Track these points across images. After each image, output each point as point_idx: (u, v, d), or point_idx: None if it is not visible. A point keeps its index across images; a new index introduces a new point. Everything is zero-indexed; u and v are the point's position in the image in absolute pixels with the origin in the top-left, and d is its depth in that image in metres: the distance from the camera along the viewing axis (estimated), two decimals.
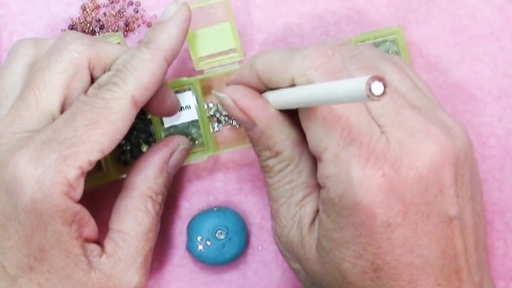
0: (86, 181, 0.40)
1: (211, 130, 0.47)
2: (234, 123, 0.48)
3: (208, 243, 0.47)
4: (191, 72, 0.48)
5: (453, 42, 0.50)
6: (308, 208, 0.40)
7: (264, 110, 0.40)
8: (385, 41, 0.47)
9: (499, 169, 0.49)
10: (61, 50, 0.41)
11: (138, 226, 0.42)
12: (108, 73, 0.41)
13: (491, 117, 0.49)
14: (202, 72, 0.47)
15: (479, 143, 0.49)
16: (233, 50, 0.46)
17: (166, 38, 0.42)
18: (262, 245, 0.49)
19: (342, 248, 0.37)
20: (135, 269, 0.42)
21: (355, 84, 0.29)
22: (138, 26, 0.50)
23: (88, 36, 0.42)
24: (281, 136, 0.40)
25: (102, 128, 0.38)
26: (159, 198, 0.44)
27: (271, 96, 0.40)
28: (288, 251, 0.41)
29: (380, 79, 0.28)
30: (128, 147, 0.47)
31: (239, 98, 0.40)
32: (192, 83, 0.46)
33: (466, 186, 0.38)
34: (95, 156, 0.39)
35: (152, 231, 0.43)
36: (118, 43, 0.45)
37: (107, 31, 0.50)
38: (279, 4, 0.50)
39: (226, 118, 0.48)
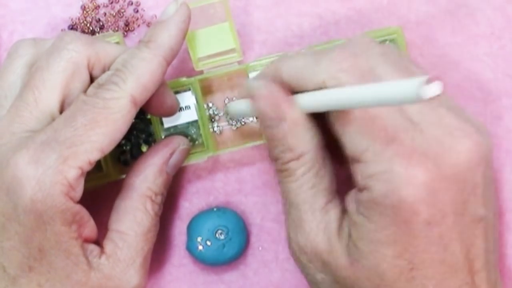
0: (86, 181, 0.40)
1: (211, 130, 0.47)
2: (234, 124, 0.48)
3: (208, 243, 0.47)
4: (191, 72, 0.48)
5: (453, 42, 0.50)
6: (333, 214, 0.39)
7: (294, 108, 0.39)
8: (384, 41, 0.47)
9: (499, 170, 0.49)
10: (60, 50, 0.41)
11: (137, 227, 0.42)
12: (108, 73, 0.41)
13: (491, 117, 0.49)
14: (201, 72, 0.47)
15: None
16: (232, 50, 0.46)
17: (166, 37, 0.42)
18: (262, 245, 0.49)
19: (382, 248, 0.36)
20: (135, 269, 0.42)
21: (409, 85, 0.28)
22: (138, 26, 0.50)
23: (87, 35, 0.42)
24: (307, 137, 0.39)
25: (102, 127, 0.38)
26: (158, 199, 0.44)
27: (300, 98, 0.39)
28: (311, 261, 0.40)
29: (438, 79, 0.27)
30: (128, 147, 0.47)
31: (273, 90, 0.39)
32: (191, 83, 0.46)
33: (490, 187, 0.38)
34: (95, 156, 0.39)
35: (151, 232, 0.43)
36: (118, 42, 0.45)
37: (107, 31, 0.50)
38: (279, 4, 0.50)
39: (229, 120, 0.48)
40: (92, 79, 0.42)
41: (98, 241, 0.42)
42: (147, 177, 0.43)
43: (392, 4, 0.50)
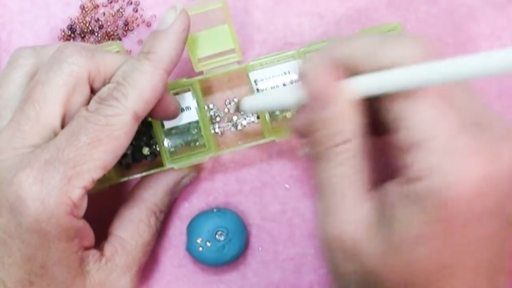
0: None
1: (212, 131, 0.47)
2: (236, 125, 0.48)
3: (208, 244, 0.47)
4: (191, 73, 0.47)
5: (453, 42, 0.49)
6: (372, 204, 0.37)
7: (348, 91, 0.37)
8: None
9: None
10: (61, 63, 0.40)
11: (139, 237, 0.44)
12: (109, 86, 0.40)
13: None
14: (201, 73, 0.47)
15: None
16: (232, 51, 0.46)
17: (166, 48, 0.41)
18: (262, 245, 0.49)
19: (421, 244, 0.35)
20: (130, 277, 0.43)
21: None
22: (137, 25, 0.50)
23: (87, 47, 0.42)
24: (356, 122, 0.37)
25: (105, 145, 0.39)
26: (161, 216, 0.46)
27: (360, 80, 0.37)
28: (344, 251, 0.38)
29: None
30: (129, 150, 0.47)
31: (327, 71, 0.37)
32: (192, 84, 0.46)
33: None
34: (99, 174, 0.39)
35: (150, 246, 0.45)
36: (118, 51, 0.45)
37: (106, 31, 0.49)
38: (279, 3, 0.50)
39: (231, 119, 0.48)
40: (93, 92, 0.42)
41: (97, 244, 0.42)
42: (157, 193, 0.45)
43: (392, 3, 0.50)
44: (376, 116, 0.38)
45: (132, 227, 0.44)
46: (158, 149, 0.46)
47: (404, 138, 0.36)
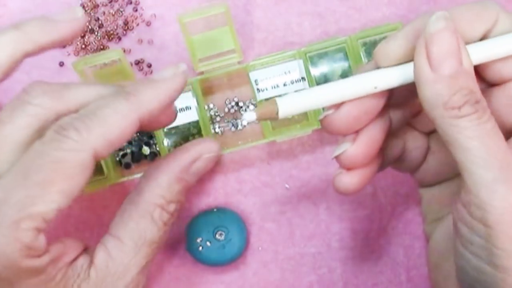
0: (87, 185, 0.37)
1: (212, 131, 0.47)
2: (236, 125, 0.48)
3: (208, 244, 0.47)
4: (191, 73, 0.47)
5: None
6: None
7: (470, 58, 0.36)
8: (384, 38, 0.47)
9: None
10: (25, 105, 0.36)
11: (138, 237, 0.39)
12: (72, 116, 0.36)
13: None
14: (202, 73, 0.47)
15: None
16: (232, 51, 0.46)
17: (150, 98, 0.37)
18: (262, 245, 0.49)
19: None
20: (124, 283, 0.38)
21: None
22: (137, 25, 0.50)
23: (55, 86, 0.37)
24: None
25: (58, 185, 0.34)
26: (171, 207, 0.40)
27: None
28: None
29: None
30: (129, 150, 0.47)
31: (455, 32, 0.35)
32: (192, 83, 0.46)
33: None
34: (51, 215, 0.34)
35: (155, 243, 0.40)
36: (119, 59, 0.44)
37: (106, 30, 0.49)
38: (279, 3, 0.50)
39: (231, 119, 0.48)
40: None
41: (91, 247, 0.39)
42: (160, 184, 0.40)
43: (392, 3, 0.50)
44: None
45: (130, 225, 0.39)
46: (158, 149, 0.46)
47: None
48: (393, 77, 0.37)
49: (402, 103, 0.41)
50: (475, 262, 0.36)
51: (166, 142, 0.46)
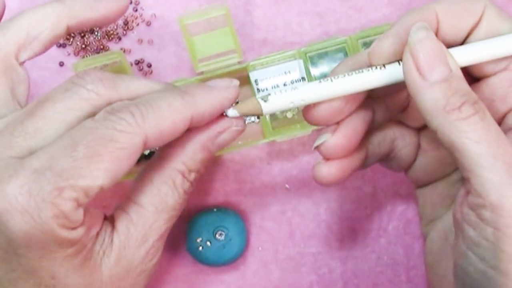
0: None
1: None
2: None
3: (208, 243, 0.47)
4: (191, 73, 0.48)
5: None
6: None
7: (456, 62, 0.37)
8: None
9: None
10: (79, 87, 0.36)
11: (159, 203, 0.38)
12: (125, 102, 0.36)
13: None
14: (202, 73, 0.47)
15: None
16: (232, 51, 0.46)
17: (204, 100, 0.37)
18: (262, 245, 0.49)
19: None
20: (145, 249, 0.38)
21: None
22: (137, 25, 0.50)
23: (109, 76, 0.37)
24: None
25: (106, 163, 0.34)
26: (192, 176, 0.39)
27: (457, 52, 0.37)
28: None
29: None
30: None
31: (436, 42, 0.36)
32: (192, 83, 0.46)
33: None
34: (94, 191, 0.34)
35: (175, 211, 0.39)
36: (120, 61, 0.45)
37: (105, 30, 0.49)
38: (279, 3, 0.50)
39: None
40: None
41: (110, 215, 0.38)
42: (185, 150, 0.38)
43: (392, 3, 0.50)
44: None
45: (151, 191, 0.38)
46: (157, 149, 0.46)
47: None
48: (376, 78, 0.38)
49: (386, 95, 0.41)
50: (479, 264, 0.36)
51: None
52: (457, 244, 0.37)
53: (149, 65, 0.50)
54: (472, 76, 0.39)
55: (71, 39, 0.49)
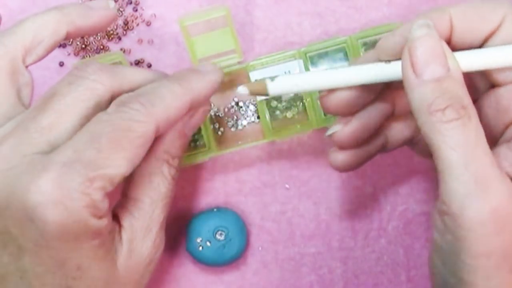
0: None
1: (212, 131, 0.47)
2: (236, 125, 0.48)
3: (208, 243, 0.47)
4: None
5: None
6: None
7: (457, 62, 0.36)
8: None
9: None
10: (83, 79, 0.38)
11: (153, 193, 0.40)
12: (131, 94, 0.38)
13: None
14: None
15: None
16: (232, 51, 0.46)
17: (200, 84, 0.40)
18: (262, 245, 0.49)
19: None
20: (151, 240, 0.40)
21: None
22: (137, 25, 0.50)
23: (108, 65, 0.40)
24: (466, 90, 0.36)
25: (127, 152, 0.36)
26: (176, 162, 0.42)
27: (464, 56, 0.37)
28: (496, 222, 0.35)
29: None
30: None
31: (438, 40, 0.36)
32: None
33: None
34: (119, 179, 0.36)
35: (168, 198, 0.41)
36: (120, 62, 0.45)
37: (105, 30, 0.49)
38: (279, 3, 0.50)
39: (231, 119, 0.48)
40: None
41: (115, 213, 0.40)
42: (165, 140, 0.41)
43: (392, 3, 0.50)
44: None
45: (143, 183, 0.40)
46: None
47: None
48: (379, 73, 0.38)
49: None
50: (442, 270, 0.36)
51: None
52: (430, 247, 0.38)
53: (149, 65, 0.50)
54: (480, 88, 0.39)
55: (71, 39, 0.49)
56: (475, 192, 0.34)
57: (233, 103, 0.48)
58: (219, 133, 0.48)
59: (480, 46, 0.38)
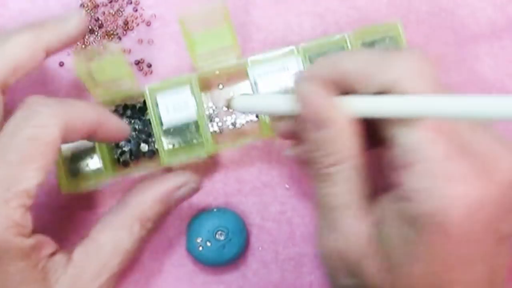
0: (85, 182, 0.39)
1: (211, 129, 0.47)
2: (234, 123, 0.48)
3: (208, 244, 0.47)
4: (190, 70, 0.47)
5: (453, 42, 0.49)
6: (370, 220, 0.37)
7: (343, 113, 0.37)
8: (384, 39, 0.47)
9: None
10: (34, 116, 0.38)
11: (116, 244, 0.41)
12: (39, 96, 0.39)
13: None
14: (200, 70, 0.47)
15: None
16: (231, 48, 0.46)
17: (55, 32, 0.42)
18: (262, 245, 0.49)
19: (416, 263, 0.35)
20: (99, 284, 0.41)
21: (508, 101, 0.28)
22: (137, 25, 0.50)
23: (56, 100, 0.40)
24: (352, 142, 0.37)
25: (36, 162, 0.37)
26: (149, 225, 0.43)
27: (356, 101, 0.37)
28: (345, 265, 0.38)
29: None
30: (127, 148, 0.47)
31: (320, 94, 0.37)
32: (190, 80, 0.46)
33: None
34: (34, 191, 0.37)
35: (129, 254, 0.42)
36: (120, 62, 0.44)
37: (106, 30, 0.49)
38: (279, 2, 0.50)
39: (228, 118, 0.48)
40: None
41: (68, 249, 0.41)
42: (145, 200, 0.42)
43: (392, 3, 0.50)
44: (373, 128, 0.38)
45: (111, 232, 0.41)
46: (156, 146, 0.46)
47: (398, 156, 0.35)
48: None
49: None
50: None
51: (164, 140, 0.46)
52: None
53: (149, 65, 0.50)
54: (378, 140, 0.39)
55: None
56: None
57: (225, 99, 0.48)
58: (218, 131, 0.48)
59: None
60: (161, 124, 0.46)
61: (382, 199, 0.37)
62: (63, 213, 0.48)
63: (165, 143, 0.46)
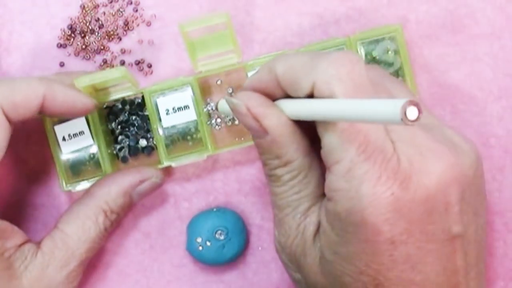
0: (83, 178, 0.42)
1: (210, 130, 0.47)
2: (234, 122, 0.48)
3: (208, 243, 0.47)
4: (191, 73, 0.47)
5: (453, 42, 0.49)
6: (313, 218, 0.38)
7: (278, 119, 0.38)
8: (383, 39, 0.47)
9: (499, 169, 0.49)
10: None
11: (82, 234, 0.44)
12: None
13: (491, 117, 0.49)
14: (200, 73, 0.47)
15: (479, 143, 0.49)
16: (231, 51, 0.46)
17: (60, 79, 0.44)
18: (262, 245, 0.49)
19: (344, 262, 0.36)
20: (67, 272, 0.43)
21: (390, 106, 0.27)
22: (138, 25, 0.50)
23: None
24: (293, 145, 0.38)
25: None
26: (113, 217, 0.45)
27: (287, 104, 0.38)
28: (290, 261, 0.40)
29: (416, 104, 0.27)
30: (126, 144, 0.47)
31: (252, 105, 0.38)
32: (190, 82, 0.46)
33: (472, 203, 0.37)
34: None
35: (95, 243, 0.44)
36: (123, 77, 0.44)
37: (106, 30, 0.49)
38: (279, 3, 0.50)
39: (226, 119, 0.48)
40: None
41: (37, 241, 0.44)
42: (109, 192, 0.45)
43: (392, 3, 0.50)
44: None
45: (77, 222, 0.44)
46: (155, 142, 0.47)
47: (323, 157, 0.37)
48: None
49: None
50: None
51: (164, 140, 0.46)
52: None
53: (149, 65, 0.50)
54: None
55: (72, 39, 0.49)
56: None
57: (213, 103, 0.48)
58: (217, 127, 0.48)
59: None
60: (160, 120, 0.46)
61: (323, 200, 0.38)
62: (62, 211, 0.48)
63: (164, 143, 0.46)
